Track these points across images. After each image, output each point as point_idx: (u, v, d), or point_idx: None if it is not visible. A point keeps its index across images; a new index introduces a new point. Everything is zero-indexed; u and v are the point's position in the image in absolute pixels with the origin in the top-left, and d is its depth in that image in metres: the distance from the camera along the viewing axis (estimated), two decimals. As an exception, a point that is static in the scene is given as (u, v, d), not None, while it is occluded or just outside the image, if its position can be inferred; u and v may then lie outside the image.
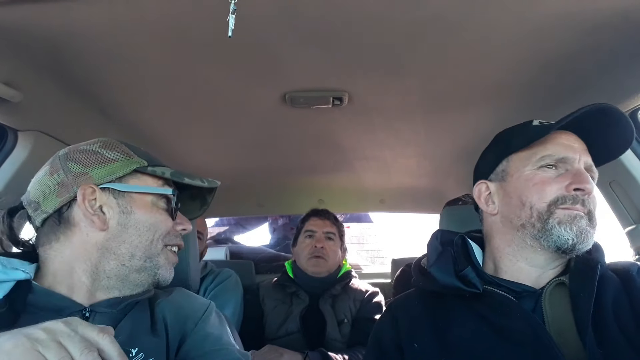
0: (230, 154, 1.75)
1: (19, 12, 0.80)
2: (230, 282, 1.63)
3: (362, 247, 6.45)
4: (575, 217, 0.76)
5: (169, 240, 0.75)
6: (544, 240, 0.78)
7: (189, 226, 0.79)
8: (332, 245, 1.72)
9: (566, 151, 0.82)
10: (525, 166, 0.84)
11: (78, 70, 1.03)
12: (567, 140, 0.84)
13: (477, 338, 0.74)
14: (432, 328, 0.80)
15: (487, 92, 1.20)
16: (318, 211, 1.81)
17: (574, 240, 0.75)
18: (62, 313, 0.66)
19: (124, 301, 0.72)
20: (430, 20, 0.87)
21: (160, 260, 0.73)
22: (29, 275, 0.70)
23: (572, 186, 0.78)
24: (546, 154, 0.82)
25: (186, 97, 1.21)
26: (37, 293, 0.68)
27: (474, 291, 0.77)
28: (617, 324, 0.70)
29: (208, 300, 0.82)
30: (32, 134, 1.15)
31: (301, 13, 0.85)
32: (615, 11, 0.83)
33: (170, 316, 0.74)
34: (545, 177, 0.81)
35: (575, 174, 0.79)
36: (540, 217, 0.78)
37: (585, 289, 0.73)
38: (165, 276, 0.74)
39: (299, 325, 1.55)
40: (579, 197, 0.77)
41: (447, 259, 0.84)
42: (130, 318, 0.71)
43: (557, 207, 0.77)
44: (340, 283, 1.68)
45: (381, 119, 1.40)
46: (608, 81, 1.07)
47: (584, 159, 0.82)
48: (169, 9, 0.82)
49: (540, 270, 0.80)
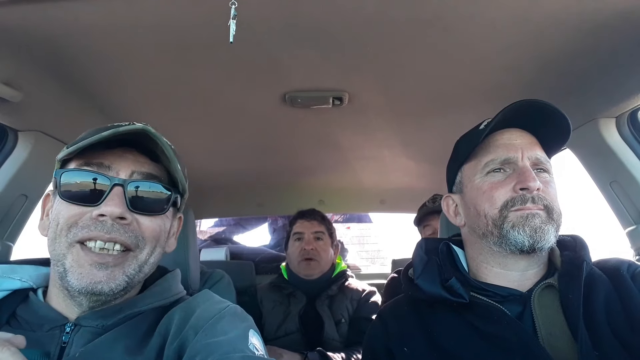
0: (230, 154, 1.75)
1: (19, 12, 0.80)
2: (222, 285, 1.61)
3: (362, 247, 6.44)
4: (527, 217, 0.75)
5: (75, 235, 0.61)
6: (505, 246, 0.77)
7: (107, 208, 0.61)
8: (322, 245, 1.72)
9: (507, 151, 0.81)
10: (475, 175, 0.84)
11: (78, 70, 1.03)
12: (508, 139, 0.83)
13: (466, 345, 0.74)
14: (422, 333, 0.80)
15: (487, 92, 1.20)
16: (304, 213, 1.80)
17: (529, 241, 0.74)
18: (42, 328, 0.63)
19: (121, 312, 0.65)
20: (430, 21, 0.87)
21: (66, 263, 0.61)
22: (28, 284, 0.68)
23: (517, 186, 0.77)
24: (489, 159, 0.82)
25: (186, 97, 1.21)
26: (30, 304, 0.66)
27: (460, 301, 0.77)
28: (610, 325, 0.69)
29: (226, 304, 0.70)
30: (32, 134, 1.15)
31: (301, 14, 0.85)
32: (615, 11, 0.84)
33: (175, 326, 0.64)
34: (494, 182, 0.81)
35: (519, 173, 0.78)
36: (495, 223, 0.78)
37: (573, 290, 0.72)
38: (74, 283, 0.60)
39: (298, 325, 1.55)
40: (527, 196, 0.76)
41: (432, 270, 0.83)
42: (114, 334, 0.63)
43: (508, 210, 0.77)
44: (336, 283, 1.68)
45: (381, 119, 1.40)
46: (608, 81, 1.07)
47: (529, 154, 0.80)
48: (169, 10, 0.82)
49: (518, 273, 0.80)
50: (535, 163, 0.80)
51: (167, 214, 0.71)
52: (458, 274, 0.82)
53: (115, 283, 0.62)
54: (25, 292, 0.68)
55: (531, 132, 0.84)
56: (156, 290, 0.72)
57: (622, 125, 1.18)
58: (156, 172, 0.68)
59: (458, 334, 0.76)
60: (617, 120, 1.18)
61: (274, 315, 1.62)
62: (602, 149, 1.19)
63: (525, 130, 0.84)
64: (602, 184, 1.26)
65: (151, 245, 0.67)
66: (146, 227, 0.66)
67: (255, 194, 2.31)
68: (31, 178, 1.18)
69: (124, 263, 0.64)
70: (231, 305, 0.70)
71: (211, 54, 0.98)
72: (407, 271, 0.91)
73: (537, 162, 0.80)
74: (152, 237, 0.67)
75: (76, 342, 0.62)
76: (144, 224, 0.66)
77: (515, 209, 0.76)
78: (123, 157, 0.66)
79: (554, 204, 0.77)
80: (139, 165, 0.67)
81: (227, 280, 1.64)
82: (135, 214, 0.65)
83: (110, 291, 0.61)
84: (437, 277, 0.81)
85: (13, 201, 1.16)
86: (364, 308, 1.63)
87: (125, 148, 0.67)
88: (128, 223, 0.63)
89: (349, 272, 1.79)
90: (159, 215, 0.68)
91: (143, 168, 0.67)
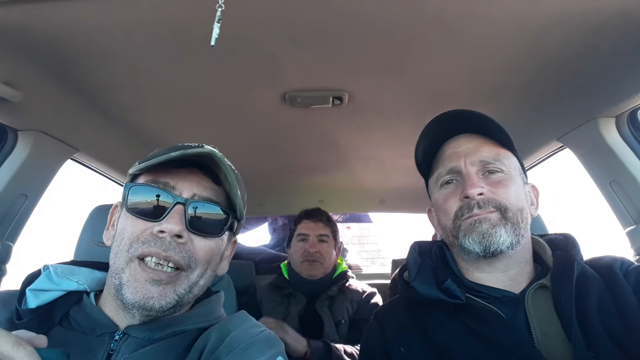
0: (230, 154, 1.73)
1: (19, 12, 0.80)
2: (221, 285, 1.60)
3: (362, 247, 6.44)
4: (474, 223, 0.76)
5: (135, 250, 0.63)
6: (466, 254, 0.79)
7: (167, 225, 0.63)
8: (326, 247, 1.70)
9: (451, 161, 0.82)
10: (434, 189, 0.87)
11: (78, 70, 1.03)
12: (453, 147, 0.84)
13: (462, 346, 0.74)
14: (418, 333, 0.80)
15: (487, 92, 1.20)
16: (310, 212, 1.78)
17: (480, 247, 0.75)
18: (94, 332, 0.65)
19: (168, 328, 0.67)
20: (430, 21, 0.87)
21: (123, 277, 0.63)
22: (84, 287, 0.70)
23: (462, 195, 0.78)
24: (438, 172, 0.84)
25: (186, 96, 1.21)
26: (83, 307, 0.68)
27: (457, 302, 0.77)
28: (604, 325, 0.69)
29: (260, 330, 0.71)
30: (32, 134, 1.15)
31: (301, 14, 0.85)
32: (615, 11, 0.84)
33: (211, 344, 0.66)
34: (447, 194, 0.82)
35: (462, 182, 0.79)
36: (453, 234, 0.80)
37: (565, 291, 0.72)
38: (129, 297, 0.62)
39: (297, 326, 1.55)
40: (472, 203, 0.76)
41: (427, 272, 0.84)
42: (158, 347, 0.65)
43: (460, 220, 0.78)
44: (337, 284, 1.68)
45: (381, 119, 1.40)
46: (608, 81, 1.07)
47: (472, 159, 0.80)
48: (168, 10, 0.82)
49: (502, 275, 0.80)
50: (482, 166, 0.80)
51: (222, 237, 0.72)
52: (452, 276, 0.82)
53: (166, 300, 0.64)
54: (79, 294, 0.70)
55: (483, 133, 0.84)
56: (201, 311, 0.73)
57: (622, 125, 1.18)
58: (216, 196, 0.70)
59: (454, 335, 0.76)
60: (617, 120, 1.18)
61: (274, 316, 1.61)
62: (602, 149, 1.19)
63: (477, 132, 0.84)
64: (602, 183, 1.26)
65: (202, 267, 0.68)
66: (200, 249, 0.67)
67: (255, 194, 2.31)
68: (31, 178, 1.19)
69: (176, 282, 0.65)
70: (265, 331, 0.71)
71: (211, 53, 0.98)
72: (402, 274, 0.91)
73: (484, 164, 0.80)
74: (204, 259, 0.68)
75: (123, 350, 0.64)
76: (198, 245, 0.67)
77: (464, 218, 0.77)
78: (187, 179, 0.68)
79: (509, 203, 0.77)
80: (201, 189, 0.69)
81: (226, 280, 1.63)
82: (192, 233, 0.66)
83: (160, 308, 0.63)
84: (432, 279, 0.82)
85: (13, 201, 1.16)
86: (364, 309, 1.62)
87: (191, 169, 0.70)
88: (184, 242, 0.65)
89: (349, 273, 1.78)
90: (215, 237, 0.70)
91: (205, 192, 0.69)
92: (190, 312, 0.72)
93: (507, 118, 1.36)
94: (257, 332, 0.70)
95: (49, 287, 0.67)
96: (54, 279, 0.68)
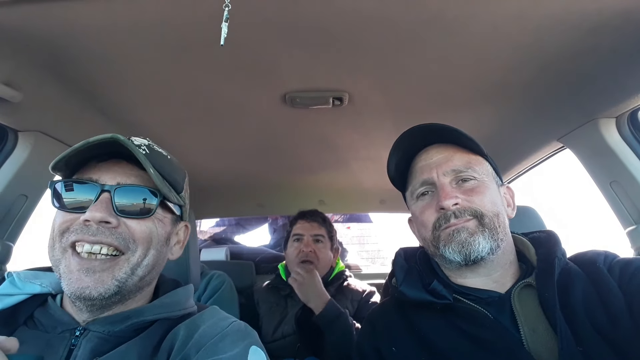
0: (230, 154, 1.75)
1: (19, 12, 0.80)
2: (225, 291, 1.58)
3: (362, 247, 6.43)
4: (452, 233, 0.77)
5: (67, 239, 0.64)
6: (447, 263, 0.79)
7: (89, 214, 0.64)
8: (321, 248, 1.70)
9: (423, 173, 0.83)
10: (411, 201, 0.87)
11: (78, 70, 1.03)
12: (425, 159, 0.85)
13: (453, 345, 0.75)
14: (410, 333, 0.80)
15: (487, 92, 1.20)
16: (305, 213, 1.78)
17: (460, 256, 0.76)
18: (55, 330, 0.67)
19: (128, 320, 0.67)
20: (430, 21, 0.87)
21: (60, 269, 0.65)
22: (48, 290, 0.72)
23: (437, 206, 0.78)
24: (413, 185, 0.85)
25: (186, 97, 1.21)
26: (47, 308, 0.70)
27: (445, 302, 0.77)
28: (590, 320, 0.69)
29: (229, 321, 0.71)
30: (32, 134, 1.15)
31: (301, 14, 0.85)
32: (615, 11, 0.83)
33: (179, 342, 0.66)
34: (423, 205, 0.83)
35: (437, 193, 0.80)
36: (433, 244, 0.80)
37: (548, 288, 0.73)
38: (66, 289, 0.63)
39: (294, 328, 1.54)
40: (448, 213, 0.77)
41: (414, 276, 0.85)
42: (134, 344, 0.65)
43: (439, 230, 0.79)
44: (334, 284, 1.67)
45: (381, 119, 1.40)
46: (608, 81, 1.07)
47: (444, 169, 0.81)
48: (168, 10, 0.82)
49: (486, 279, 0.80)
50: (454, 175, 0.81)
51: (160, 218, 0.73)
52: (438, 278, 0.83)
53: (104, 288, 0.64)
54: (44, 297, 0.72)
55: (453, 142, 0.84)
56: (165, 302, 0.74)
57: (622, 125, 1.18)
58: (142, 181, 0.71)
59: (445, 335, 0.76)
60: (617, 120, 1.18)
61: (271, 317, 1.61)
62: (602, 149, 1.19)
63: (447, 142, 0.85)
64: (602, 184, 1.26)
65: (143, 247, 0.69)
66: (136, 230, 0.69)
67: (255, 194, 2.31)
68: (31, 178, 1.19)
69: (114, 267, 0.66)
70: (235, 323, 0.72)
71: (211, 54, 0.98)
72: (390, 280, 0.92)
73: (456, 173, 0.81)
74: (143, 239, 0.69)
75: (84, 345, 0.65)
76: (133, 227, 0.68)
77: (443, 228, 0.78)
78: (111, 170, 0.70)
79: (485, 209, 0.78)
80: (125, 177, 0.70)
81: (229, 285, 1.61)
82: (123, 217, 0.68)
83: (99, 295, 0.64)
84: (419, 282, 0.83)
85: (13, 201, 1.16)
86: (364, 308, 1.62)
87: (115, 160, 0.72)
88: (115, 226, 0.66)
89: (347, 273, 1.78)
90: (146, 218, 0.70)
91: (129, 179, 0.70)
92: (154, 303, 0.73)
93: (507, 118, 1.36)
94: (226, 324, 0.70)
95: (12, 291, 0.69)
96: (17, 283, 0.70)
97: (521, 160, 1.60)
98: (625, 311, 0.68)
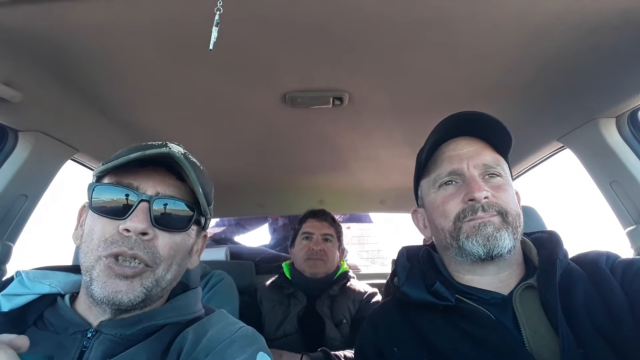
0: (231, 154, 1.75)
1: (19, 12, 0.80)
2: (224, 285, 1.59)
3: (362, 247, 6.44)
4: (479, 226, 0.76)
5: (104, 250, 0.65)
6: (465, 256, 0.78)
7: (131, 224, 0.65)
8: (330, 247, 1.72)
9: (452, 163, 0.82)
10: (430, 189, 0.86)
11: (78, 70, 1.03)
12: (454, 150, 0.84)
13: (455, 346, 0.74)
14: (411, 333, 0.80)
15: (487, 92, 1.20)
16: (316, 212, 1.80)
17: (483, 250, 0.75)
18: (66, 331, 0.67)
19: (140, 324, 0.68)
20: (430, 20, 0.87)
21: (93, 273, 0.65)
22: (57, 290, 0.72)
23: (466, 197, 0.78)
24: (437, 174, 0.83)
25: (186, 97, 1.21)
26: (57, 308, 0.70)
27: (446, 304, 0.77)
28: (592, 321, 0.69)
29: (238, 327, 0.72)
30: (32, 134, 1.15)
31: (301, 14, 0.85)
32: (615, 11, 0.84)
33: (188, 346, 0.67)
34: (446, 195, 0.81)
35: (467, 184, 0.79)
36: (452, 236, 0.79)
37: (549, 289, 0.73)
38: (98, 292, 0.64)
39: (296, 327, 1.55)
40: (476, 206, 0.77)
41: (416, 276, 0.84)
42: (143, 347, 0.66)
43: (462, 222, 0.78)
44: (338, 284, 1.68)
45: (381, 119, 1.40)
46: (608, 81, 1.07)
47: (475, 162, 0.80)
48: (168, 11, 0.82)
49: (493, 278, 0.80)
50: (484, 169, 0.81)
51: (189, 232, 0.73)
52: (441, 278, 0.83)
53: (134, 294, 0.65)
54: (53, 297, 0.72)
55: (482, 137, 0.84)
56: (176, 305, 0.74)
57: (622, 125, 1.18)
58: (179, 192, 0.72)
59: (447, 335, 0.76)
60: (617, 120, 1.18)
61: (274, 316, 1.62)
62: (602, 149, 1.19)
63: (476, 136, 0.84)
64: (602, 184, 1.26)
65: (167, 262, 0.69)
66: (164, 245, 0.69)
67: (255, 194, 2.31)
68: (31, 178, 1.19)
69: (142, 275, 0.66)
70: (243, 328, 0.72)
71: (211, 54, 0.98)
72: (392, 279, 0.91)
73: (486, 168, 0.81)
74: (167, 255, 0.69)
75: (95, 347, 0.65)
76: (162, 241, 0.68)
77: (467, 220, 0.77)
78: (150, 178, 0.70)
79: (509, 207, 0.78)
80: (165, 187, 0.70)
81: (228, 281, 1.62)
82: (158, 229, 0.68)
83: (129, 301, 0.65)
84: (421, 282, 0.82)
85: (13, 201, 1.16)
86: (366, 309, 1.62)
87: (154, 168, 0.71)
88: (149, 239, 0.66)
89: (350, 273, 1.79)
90: (181, 232, 0.71)
91: (168, 190, 0.70)
92: (164, 307, 0.73)
93: (507, 118, 1.35)
94: (234, 329, 0.70)
95: (21, 291, 0.69)
96: (26, 283, 0.70)
97: (521, 160, 1.60)
98: (628, 311, 0.68)
